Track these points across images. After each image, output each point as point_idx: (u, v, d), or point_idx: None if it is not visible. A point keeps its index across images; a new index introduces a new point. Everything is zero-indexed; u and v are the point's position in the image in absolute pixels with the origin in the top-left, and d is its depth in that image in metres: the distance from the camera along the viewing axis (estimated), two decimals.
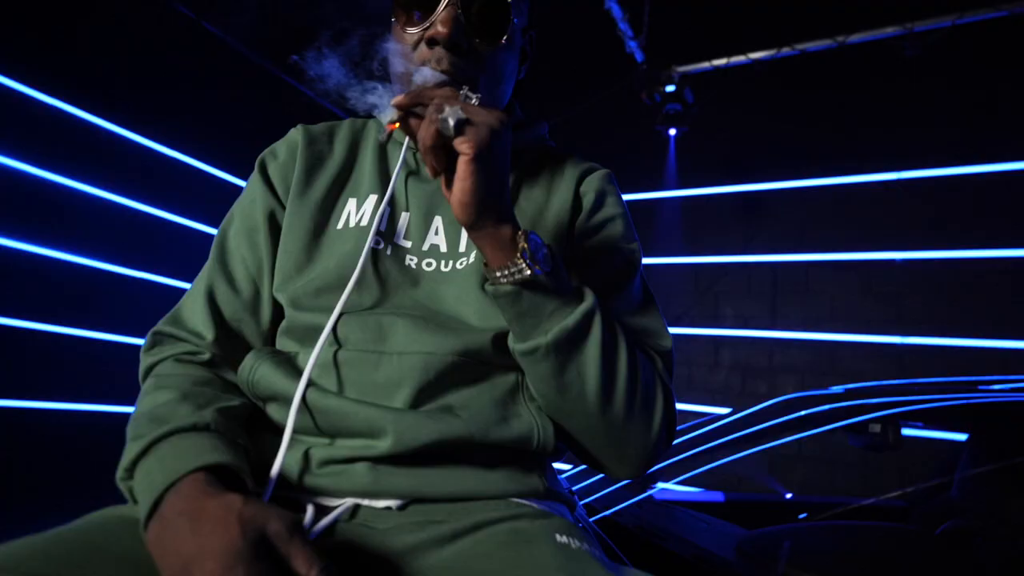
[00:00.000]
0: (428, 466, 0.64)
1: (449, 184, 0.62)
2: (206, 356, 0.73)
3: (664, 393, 0.73)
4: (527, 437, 0.68)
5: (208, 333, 0.75)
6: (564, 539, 0.60)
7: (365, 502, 0.64)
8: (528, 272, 0.62)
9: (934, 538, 1.50)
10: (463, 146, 0.59)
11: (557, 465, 0.84)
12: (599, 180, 0.83)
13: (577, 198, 0.81)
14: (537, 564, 0.55)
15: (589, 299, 0.67)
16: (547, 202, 0.81)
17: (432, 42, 0.71)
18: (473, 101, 0.62)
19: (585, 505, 1.60)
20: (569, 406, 0.68)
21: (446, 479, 0.65)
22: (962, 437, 2.06)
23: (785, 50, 3.54)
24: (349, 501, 0.63)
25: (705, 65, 3.77)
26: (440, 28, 0.70)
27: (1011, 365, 3.29)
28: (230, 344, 0.76)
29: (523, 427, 0.68)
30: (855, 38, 3.40)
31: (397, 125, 0.65)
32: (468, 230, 0.63)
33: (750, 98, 4.01)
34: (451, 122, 0.58)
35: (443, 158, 0.62)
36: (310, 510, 0.61)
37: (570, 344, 0.65)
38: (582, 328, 0.65)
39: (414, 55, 0.73)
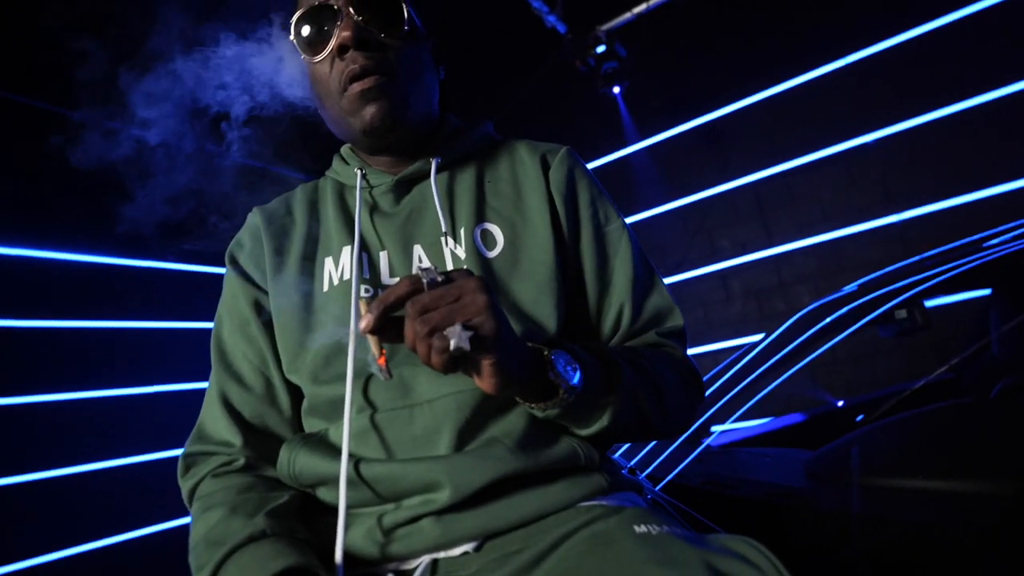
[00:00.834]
0: (491, 502, 0.64)
1: (467, 370, 0.59)
2: (241, 462, 0.73)
3: (691, 376, 0.76)
4: (574, 455, 0.69)
5: (235, 439, 0.74)
6: (643, 528, 0.60)
7: (441, 555, 0.63)
8: (570, 398, 0.62)
9: (991, 402, 1.49)
10: (486, 359, 0.55)
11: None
12: (564, 161, 0.83)
13: (547, 184, 0.81)
14: (624, 563, 0.55)
15: (621, 375, 0.67)
16: (519, 196, 0.81)
17: (343, 49, 0.73)
18: (428, 280, 0.57)
19: (648, 477, 1.60)
20: (627, 439, 0.77)
21: (512, 508, 0.64)
22: (986, 291, 2.05)
23: None
24: (426, 558, 0.63)
25: (627, 16, 3.76)
26: (344, 34, 0.72)
27: (1009, 210, 3.29)
28: (260, 442, 0.75)
29: (566, 447, 0.69)
30: None
31: (384, 357, 0.59)
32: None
33: (680, 32, 3.99)
34: (465, 346, 0.53)
35: (456, 364, 0.57)
36: None
37: (621, 417, 0.68)
38: (628, 405, 0.68)
39: (332, 74, 0.75)
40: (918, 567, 1.02)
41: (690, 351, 0.84)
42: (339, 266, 0.77)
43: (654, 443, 1.83)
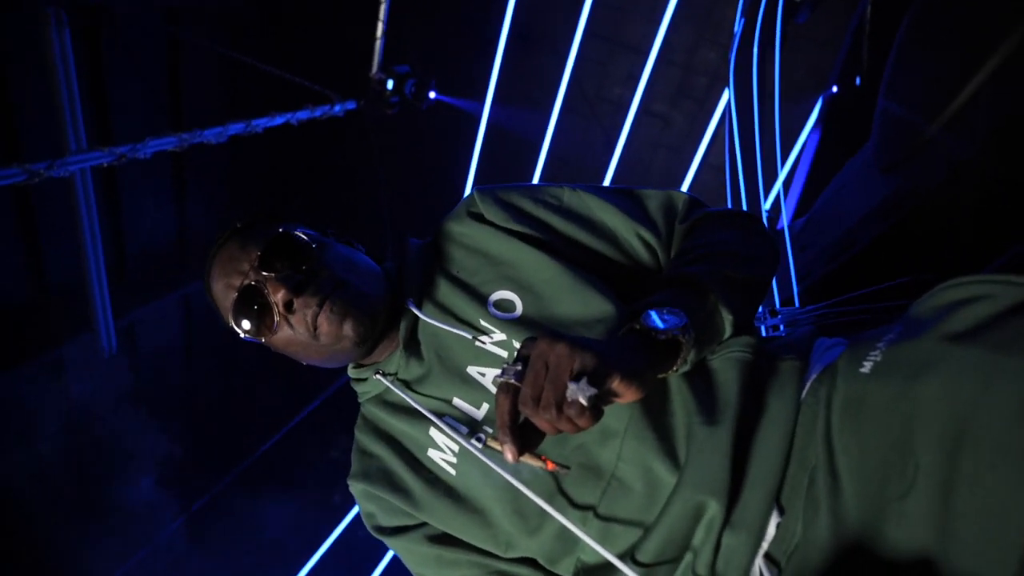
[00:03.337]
0: (744, 469, 0.64)
1: (608, 404, 0.58)
2: None
3: (736, 217, 0.76)
4: (744, 363, 0.68)
5: None
6: (866, 366, 0.58)
7: (763, 549, 0.62)
8: (690, 334, 0.62)
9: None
10: (610, 383, 0.55)
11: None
12: (486, 199, 0.83)
13: (493, 226, 0.81)
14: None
15: (698, 276, 0.68)
16: (487, 255, 0.80)
17: (289, 306, 0.74)
18: (513, 376, 0.56)
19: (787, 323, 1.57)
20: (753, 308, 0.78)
21: (763, 460, 0.64)
22: None
23: None
24: (757, 564, 0.62)
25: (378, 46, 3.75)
26: (280, 295, 0.73)
27: None
28: None
29: (734, 366, 0.68)
30: None
31: (547, 460, 0.61)
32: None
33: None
34: (591, 392, 0.52)
35: (598, 411, 0.56)
36: None
37: (733, 300, 0.69)
38: (726, 287, 0.69)
39: (296, 330, 0.75)
40: None
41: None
42: (443, 447, 0.77)
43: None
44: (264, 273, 0.74)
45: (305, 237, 0.77)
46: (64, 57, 2.67)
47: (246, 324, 0.76)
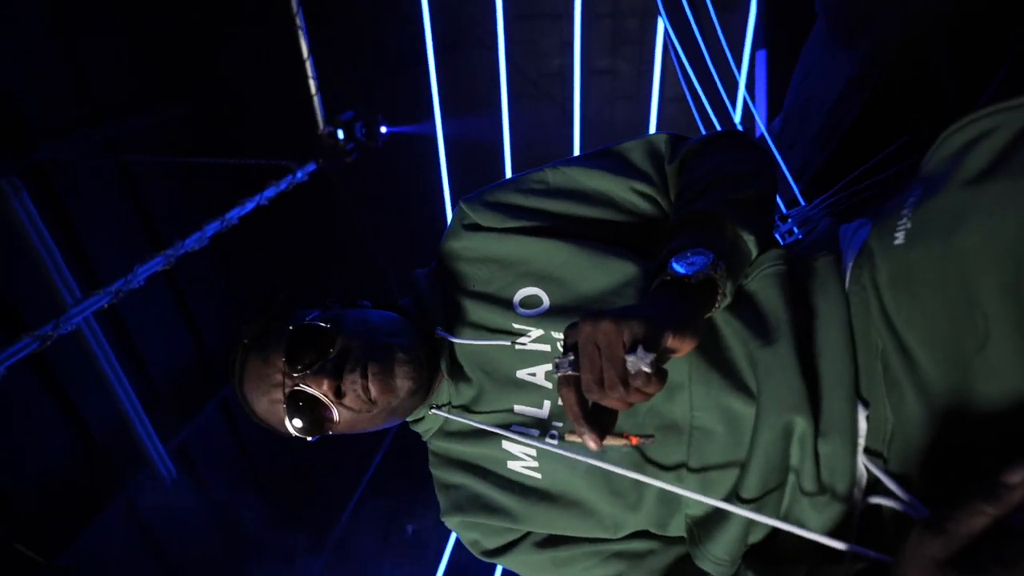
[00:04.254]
0: (824, 378, 0.63)
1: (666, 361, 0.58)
2: None
3: (720, 140, 0.75)
4: (778, 276, 0.68)
5: None
6: (898, 237, 0.56)
7: (861, 445, 0.62)
8: (719, 268, 0.62)
9: None
10: (664, 341, 0.55)
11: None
12: (474, 207, 0.83)
13: (493, 231, 0.81)
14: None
15: (706, 210, 0.67)
16: (496, 261, 0.80)
17: (339, 393, 0.73)
18: (569, 367, 0.57)
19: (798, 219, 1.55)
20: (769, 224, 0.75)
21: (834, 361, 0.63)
22: None
23: None
24: (861, 469, 0.62)
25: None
26: (324, 388, 0.73)
27: None
28: None
29: (769, 281, 0.68)
30: None
31: (629, 436, 0.61)
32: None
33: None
34: (650, 358, 0.52)
35: (662, 372, 0.56)
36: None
37: (747, 222, 0.68)
38: (737, 210, 0.68)
39: (352, 409, 0.75)
40: None
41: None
42: (520, 455, 0.77)
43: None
44: (298, 375, 0.74)
45: (317, 322, 0.77)
46: (32, 220, 2.72)
47: (305, 426, 0.76)
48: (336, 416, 0.75)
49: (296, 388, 0.74)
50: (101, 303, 2.17)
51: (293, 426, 0.76)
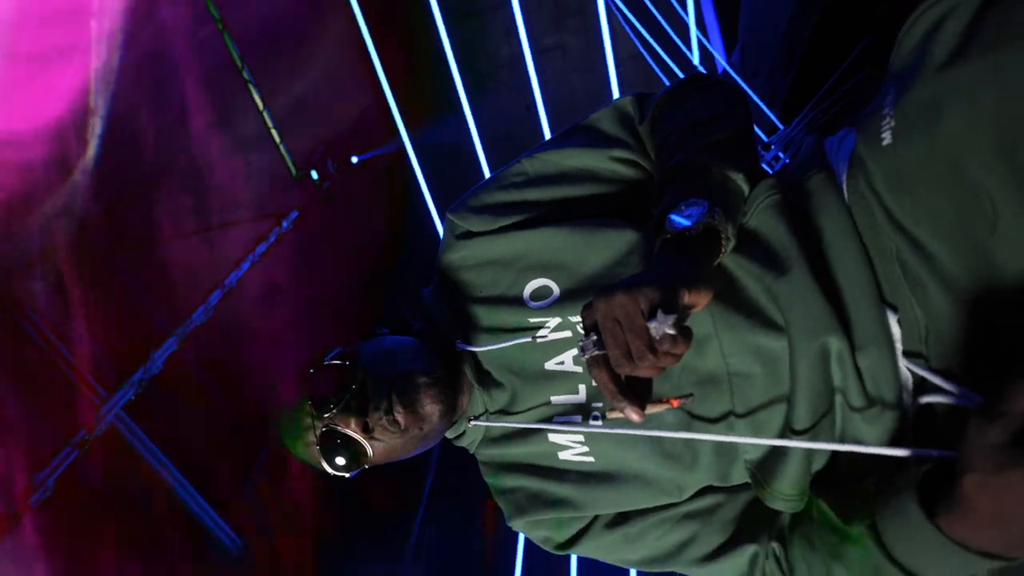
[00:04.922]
0: (846, 293, 0.63)
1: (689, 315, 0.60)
2: None
3: (684, 88, 0.75)
4: (776, 207, 0.68)
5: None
6: (886, 137, 0.56)
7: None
8: (716, 213, 0.62)
9: None
10: (682, 298, 0.55)
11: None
12: (462, 214, 0.83)
13: (484, 232, 0.81)
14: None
15: (688, 159, 0.68)
16: (500, 258, 0.80)
17: (366, 427, 0.75)
18: (595, 347, 0.57)
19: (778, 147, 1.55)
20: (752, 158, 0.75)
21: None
22: None
23: None
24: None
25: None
26: (353, 424, 0.75)
27: None
28: None
29: (768, 215, 0.68)
30: None
31: (671, 399, 0.63)
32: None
33: None
34: (671, 319, 0.52)
35: (686, 330, 0.57)
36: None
37: (729, 159, 0.68)
38: (714, 153, 0.68)
39: (382, 439, 0.77)
40: None
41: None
42: (569, 444, 0.77)
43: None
44: (327, 415, 0.75)
45: (335, 360, 0.78)
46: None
47: (344, 463, 0.77)
48: (370, 451, 0.76)
49: (325, 429, 0.76)
50: (128, 396, 2.20)
51: (332, 466, 0.77)
